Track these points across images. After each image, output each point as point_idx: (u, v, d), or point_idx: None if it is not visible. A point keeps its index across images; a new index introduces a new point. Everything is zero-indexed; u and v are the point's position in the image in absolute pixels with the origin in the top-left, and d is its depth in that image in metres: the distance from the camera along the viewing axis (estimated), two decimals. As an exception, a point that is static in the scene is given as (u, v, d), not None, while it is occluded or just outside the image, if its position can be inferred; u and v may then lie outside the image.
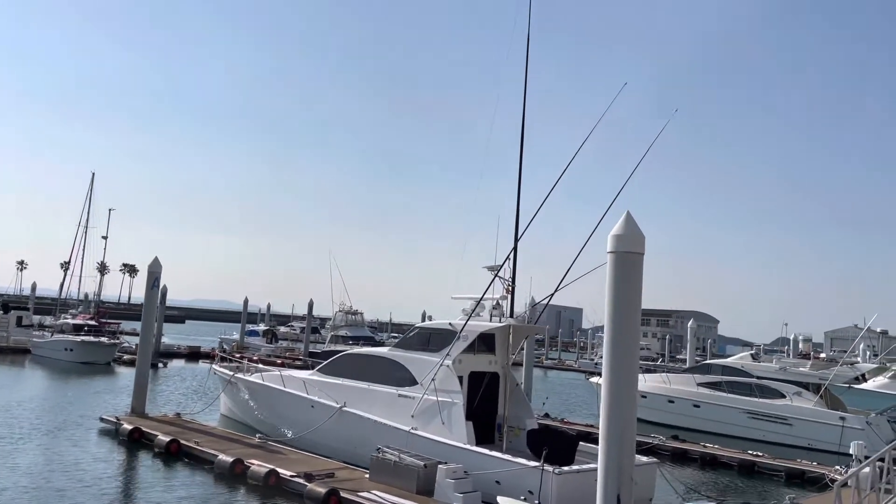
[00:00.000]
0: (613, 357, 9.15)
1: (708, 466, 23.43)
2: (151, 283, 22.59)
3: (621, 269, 9.18)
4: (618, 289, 9.20)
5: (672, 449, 24.70)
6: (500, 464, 15.61)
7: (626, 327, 9.20)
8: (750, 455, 23.41)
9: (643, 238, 9.32)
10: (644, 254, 9.26)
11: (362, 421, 18.76)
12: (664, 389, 33.66)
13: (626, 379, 9.09)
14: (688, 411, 32.50)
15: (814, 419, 28.92)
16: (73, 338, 45.61)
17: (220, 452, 17.36)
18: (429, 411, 17.65)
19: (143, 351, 22.87)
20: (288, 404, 21.38)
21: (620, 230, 9.27)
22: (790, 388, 30.42)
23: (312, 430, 19.61)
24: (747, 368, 32.14)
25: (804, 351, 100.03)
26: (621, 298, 9.18)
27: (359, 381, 19.79)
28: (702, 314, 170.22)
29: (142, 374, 22.51)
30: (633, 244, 9.19)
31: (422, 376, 18.12)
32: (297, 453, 18.29)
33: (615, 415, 9.06)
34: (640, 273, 9.24)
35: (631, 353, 9.20)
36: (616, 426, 9.04)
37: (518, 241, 18.37)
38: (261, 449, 18.44)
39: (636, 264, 9.21)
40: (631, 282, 9.19)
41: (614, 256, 9.31)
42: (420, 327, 19.89)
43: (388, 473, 15.50)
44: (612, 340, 9.28)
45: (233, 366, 25.60)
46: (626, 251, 9.20)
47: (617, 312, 9.19)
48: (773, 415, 29.99)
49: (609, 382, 9.20)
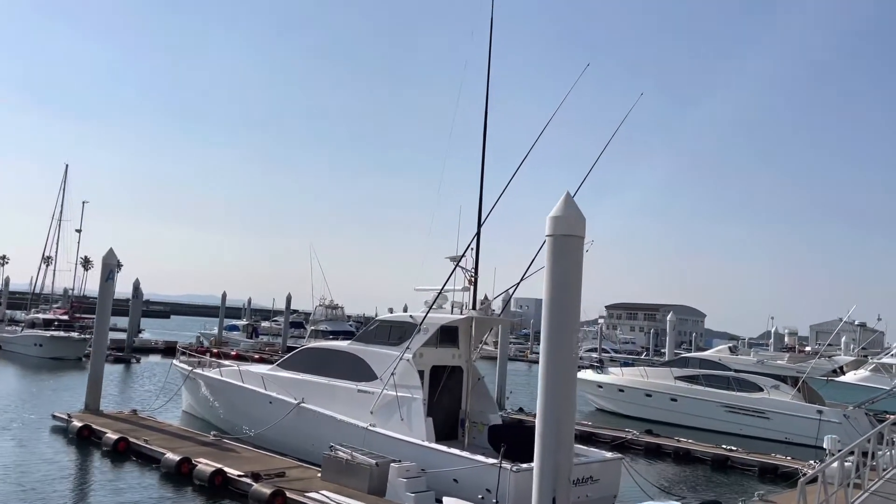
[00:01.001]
0: (550, 348, 8.48)
1: (681, 461, 22.94)
2: (106, 275, 21.79)
3: (560, 253, 8.50)
4: (556, 275, 8.52)
5: (645, 444, 24.22)
6: (457, 461, 14.97)
7: (564, 316, 8.52)
8: (723, 450, 22.91)
9: (583, 221, 8.63)
10: (584, 237, 8.60)
11: (320, 417, 18.08)
12: (641, 383, 33.19)
13: (564, 371, 8.43)
14: (665, 405, 32.02)
15: (791, 413, 28.48)
16: (42, 333, 44.68)
17: (169, 451, 16.63)
18: (388, 407, 16.99)
19: (97, 346, 22.09)
20: (246, 400, 20.67)
21: (559, 212, 8.58)
22: (768, 382, 29.97)
23: (270, 428, 18.92)
24: (725, 362, 31.64)
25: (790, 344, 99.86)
26: (559, 285, 8.50)
27: (318, 376, 19.11)
28: (688, 308, 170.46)
29: (96, 370, 21.75)
30: (573, 227, 8.50)
31: (381, 371, 17.46)
32: (252, 451, 17.60)
33: (551, 410, 8.40)
34: (580, 258, 8.56)
35: (568, 343, 8.52)
36: (552, 422, 8.37)
37: (480, 230, 17.73)
38: (213, 447, 17.72)
39: (575, 248, 8.53)
40: (570, 267, 8.50)
41: (552, 240, 8.64)
42: (380, 320, 19.22)
43: (339, 472, 14.84)
44: (549, 330, 8.60)
45: (193, 361, 24.84)
46: (565, 234, 8.51)
47: (554, 301, 8.51)
48: (751, 408, 29.54)
49: (545, 375, 8.55)
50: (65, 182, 59.55)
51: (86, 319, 58.56)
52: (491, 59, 18.38)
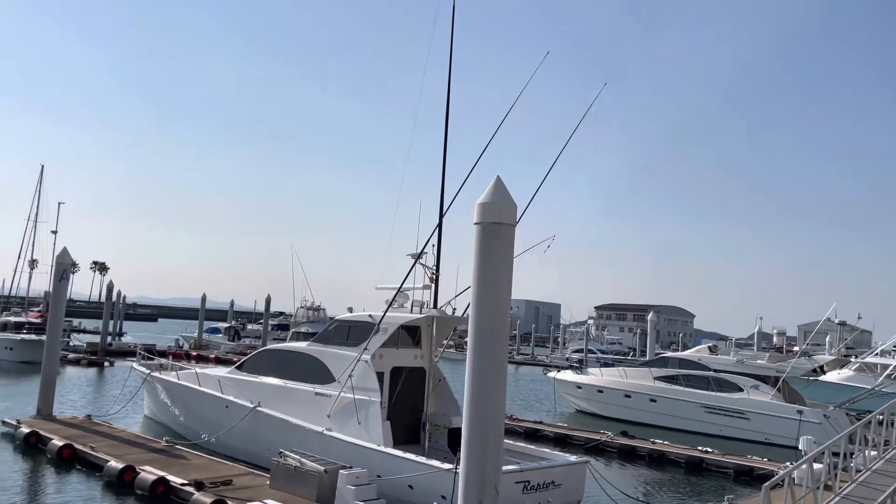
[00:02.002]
0: (478, 345, 7.81)
1: (655, 464, 22.32)
2: (59, 275, 21.01)
3: (489, 242, 7.82)
4: (484, 264, 7.84)
5: (619, 446, 23.61)
6: (413, 467, 14.30)
7: (493, 310, 7.83)
8: (699, 452, 22.31)
9: (514, 207, 7.95)
10: (515, 225, 7.92)
11: (275, 422, 17.37)
12: (620, 384, 32.59)
13: (492, 370, 7.74)
14: (644, 406, 31.43)
15: (771, 413, 27.95)
16: (13, 336, 43.75)
17: (114, 458, 15.88)
18: (345, 410, 16.30)
19: (49, 349, 21.26)
20: (203, 405, 19.93)
21: (488, 198, 7.89)
22: (748, 382, 29.43)
23: (226, 433, 18.20)
24: (705, 361, 31.08)
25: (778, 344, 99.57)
26: (488, 277, 7.82)
27: (276, 378, 18.41)
28: (678, 309, 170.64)
29: (49, 374, 20.96)
30: (503, 214, 7.83)
31: (339, 373, 16.76)
32: (203, 458, 16.86)
33: (477, 413, 7.72)
34: (511, 247, 7.89)
35: (497, 340, 7.84)
36: (478, 426, 7.68)
37: (442, 225, 17.06)
38: (163, 454, 16.97)
39: (506, 237, 7.85)
40: (500, 257, 7.83)
41: (481, 228, 7.95)
42: (339, 320, 18.50)
43: (288, 480, 14.14)
44: (477, 324, 7.92)
45: (154, 364, 24.06)
46: (494, 222, 7.85)
47: (483, 293, 7.83)
48: (730, 409, 28.99)
49: (472, 374, 7.87)
50: (41, 183, 58.60)
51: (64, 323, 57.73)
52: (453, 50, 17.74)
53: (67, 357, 45.21)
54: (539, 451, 16.28)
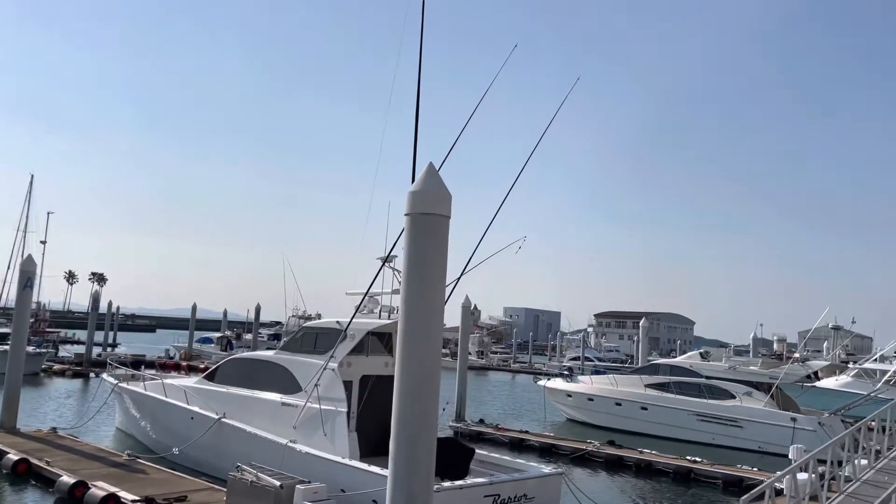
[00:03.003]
0: (406, 351, 7.11)
1: (642, 474, 21.59)
2: (24, 283, 20.35)
3: (419, 235, 7.13)
4: (415, 260, 7.15)
5: (606, 455, 22.87)
6: (377, 481, 13.58)
7: (424, 310, 7.14)
8: (687, 461, 21.56)
9: (449, 197, 7.26)
10: (450, 217, 7.24)
11: (240, 433, 16.66)
12: (611, 391, 31.84)
13: (422, 379, 7.03)
14: (635, 414, 30.68)
15: (764, 420, 27.20)
16: (-7, 347, 43.04)
17: (68, 473, 15.18)
18: (311, 421, 15.60)
19: (13, 358, 20.56)
20: (168, 416, 19.23)
21: (418, 186, 7.22)
22: (740, 389, 28.68)
23: (191, 445, 17.49)
24: (696, 368, 30.33)
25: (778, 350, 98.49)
26: (420, 272, 7.11)
27: (243, 388, 17.71)
28: (677, 316, 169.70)
29: (12, 385, 20.27)
30: (436, 204, 7.14)
31: (306, 382, 16.08)
32: (163, 473, 16.14)
33: (405, 426, 6.98)
34: (445, 241, 7.21)
35: (429, 343, 7.13)
36: (406, 442, 6.95)
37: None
38: (122, 468, 16.26)
39: (439, 229, 7.17)
40: (433, 251, 7.14)
41: (411, 219, 7.29)
42: (306, 327, 17.82)
43: (244, 495, 13.41)
44: (406, 328, 7.23)
45: (122, 373, 23.35)
46: (426, 213, 7.18)
47: (412, 291, 7.14)
48: (723, 416, 28.24)
49: (399, 384, 7.19)
50: (30, 193, 58.14)
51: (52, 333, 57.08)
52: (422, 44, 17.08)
53: (53, 368, 44.57)
54: (513, 463, 15.58)
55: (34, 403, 31.40)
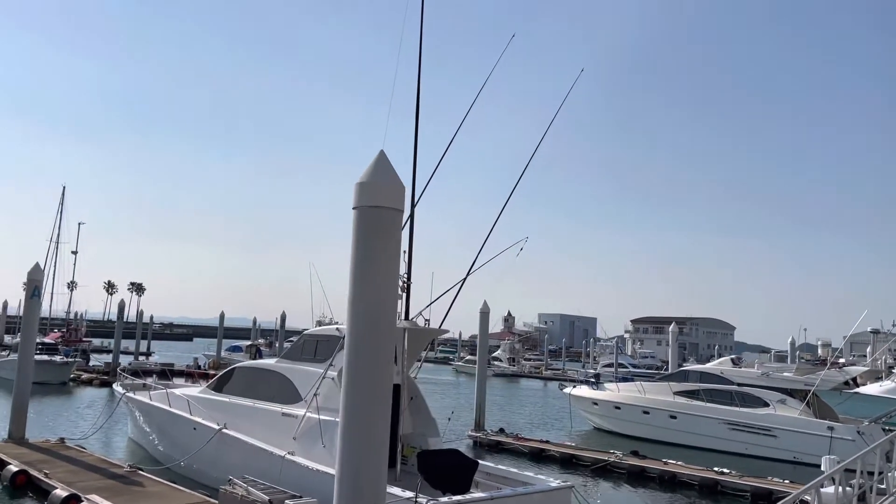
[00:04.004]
0: (352, 360, 6.40)
1: (666, 486, 20.56)
2: (31, 292, 20.18)
3: (369, 231, 6.41)
4: (363, 258, 6.47)
5: (629, 466, 21.87)
6: None
7: (373, 313, 6.43)
8: (713, 473, 20.48)
9: (402, 189, 6.54)
10: (403, 211, 6.54)
11: (239, 445, 16.15)
12: (638, 399, 30.75)
13: (370, 392, 6.27)
14: (664, 423, 29.55)
15: (799, 429, 25.90)
16: (24, 357, 43.48)
17: (64, 486, 14.81)
18: (311, 432, 15.02)
19: (22, 369, 20.40)
20: (172, 426, 18.85)
21: (367, 177, 6.51)
22: (774, 396, 27.40)
23: (192, 457, 17.05)
24: (727, 375, 29.08)
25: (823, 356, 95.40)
26: (368, 272, 6.42)
27: (245, 398, 17.22)
28: (717, 321, 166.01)
29: (21, 395, 20.09)
30: (385, 196, 6.41)
31: (305, 391, 15.52)
32: (161, 485, 15.68)
33: (351, 444, 6.25)
34: (397, 236, 6.50)
35: (379, 350, 6.41)
36: (351, 460, 6.23)
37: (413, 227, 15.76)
38: (120, 480, 15.85)
39: (391, 225, 6.47)
40: (382, 249, 6.43)
41: (359, 213, 6.60)
42: (307, 334, 17.27)
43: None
44: (353, 334, 6.53)
45: (132, 383, 23.10)
46: (375, 205, 6.48)
47: (360, 292, 6.42)
48: (756, 425, 26.99)
49: (345, 398, 6.50)
50: (62, 204, 59.02)
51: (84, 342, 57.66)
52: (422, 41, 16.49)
53: (81, 377, 44.93)
54: (520, 476, 14.77)
55: (55, 412, 31.48)
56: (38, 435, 23.22)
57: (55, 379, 42.57)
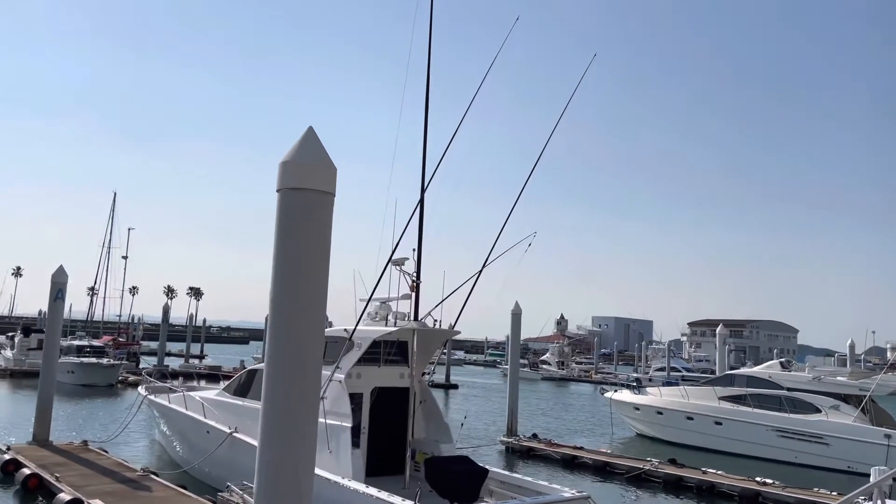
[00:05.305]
0: (273, 361, 5.77)
1: (704, 497, 19.38)
2: (55, 294, 20.26)
3: (293, 216, 5.69)
4: (286, 245, 5.78)
5: (665, 475, 20.74)
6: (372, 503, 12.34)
7: (298, 309, 5.75)
8: (755, 483, 19.21)
9: (333, 170, 5.79)
10: (335, 194, 5.82)
11: (249, 449, 15.73)
12: (681, 404, 29.41)
13: (296, 401, 5.65)
14: (709, 429, 28.17)
15: (853, 437, 24.30)
16: (74, 360, 44.50)
17: (71, 489, 14.64)
18: (318, 437, 14.48)
19: (46, 371, 20.49)
20: (188, 429, 18.61)
21: (291, 155, 5.81)
22: (827, 402, 25.79)
23: (204, 461, 16.75)
24: (775, 379, 27.52)
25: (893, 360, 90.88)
26: (292, 261, 5.73)
27: (258, 400, 16.79)
28: (779, 323, 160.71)
29: (45, 398, 20.14)
30: (314, 177, 5.70)
31: None
32: (168, 490, 15.39)
33: (270, 458, 5.66)
34: (327, 223, 5.78)
35: (305, 353, 5.72)
36: (269, 474, 5.61)
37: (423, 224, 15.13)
38: (129, 484, 15.60)
39: (321, 209, 5.75)
40: (309, 236, 5.73)
41: (283, 196, 5.88)
42: None
43: (231, 517, 12.43)
44: (273, 334, 5.87)
45: (156, 386, 23.02)
46: (300, 188, 5.75)
47: (282, 285, 5.74)
48: (806, 432, 25.44)
49: (264, 405, 5.89)
50: (113, 210, 60.33)
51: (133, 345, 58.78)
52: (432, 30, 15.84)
53: (128, 379, 45.71)
54: (535, 485, 13.96)
55: (89, 414, 31.91)
56: (69, 436, 23.41)
57: (102, 381, 43.39)
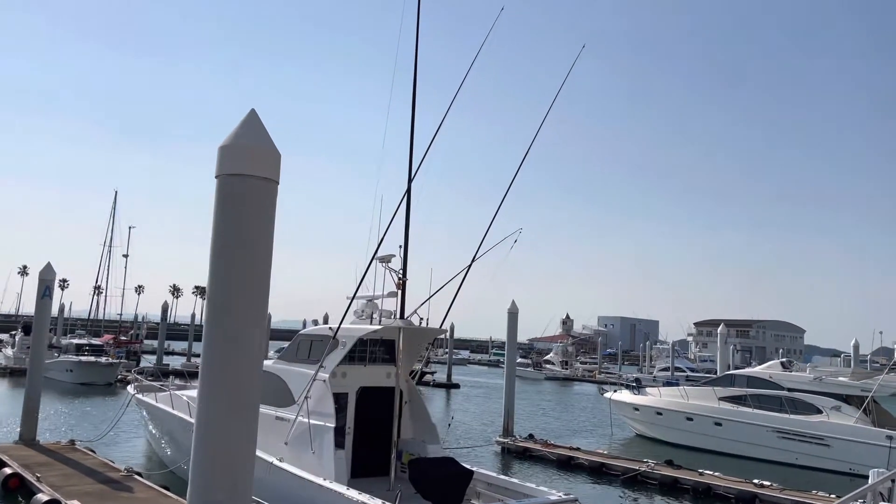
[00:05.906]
0: (209, 360, 5.40)
1: (700, 499, 19.02)
2: (42, 292, 20.02)
3: (232, 203, 5.38)
4: (225, 238, 5.42)
5: (661, 477, 20.38)
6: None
7: (239, 302, 5.41)
8: (752, 485, 18.84)
9: (276, 155, 5.45)
10: (279, 182, 5.46)
11: None
12: (681, 405, 29.02)
13: (231, 400, 5.30)
14: (708, 430, 27.77)
15: (855, 438, 23.89)
16: (73, 358, 44.38)
17: (50, 490, 14.38)
18: (302, 437, 14.22)
19: (33, 370, 20.21)
20: (174, 428, 18.34)
21: (231, 139, 5.43)
22: (828, 402, 25.37)
23: (188, 461, 16.45)
24: (776, 379, 27.10)
25: None
26: (231, 251, 5.40)
27: None
28: (786, 323, 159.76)
29: (31, 397, 19.87)
30: (255, 162, 5.35)
31: (299, 393, 14.73)
32: (150, 491, 15.11)
33: (204, 460, 5.36)
34: (270, 211, 5.41)
35: (242, 348, 5.40)
36: (203, 477, 5.30)
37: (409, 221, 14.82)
38: (111, 485, 15.33)
39: (263, 197, 5.38)
40: (249, 225, 5.39)
41: (222, 182, 5.50)
42: (301, 334, 16.47)
43: (208, 519, 12.10)
44: (211, 323, 5.51)
45: (145, 384, 22.76)
46: (240, 174, 5.37)
47: (217, 276, 5.38)
48: (807, 433, 25.03)
49: (199, 406, 5.58)
50: (115, 208, 60.27)
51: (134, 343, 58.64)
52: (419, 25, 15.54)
53: (127, 378, 45.57)
54: (522, 487, 13.64)
55: (82, 413, 31.73)
56: (59, 435, 23.21)
57: (101, 380, 43.25)
